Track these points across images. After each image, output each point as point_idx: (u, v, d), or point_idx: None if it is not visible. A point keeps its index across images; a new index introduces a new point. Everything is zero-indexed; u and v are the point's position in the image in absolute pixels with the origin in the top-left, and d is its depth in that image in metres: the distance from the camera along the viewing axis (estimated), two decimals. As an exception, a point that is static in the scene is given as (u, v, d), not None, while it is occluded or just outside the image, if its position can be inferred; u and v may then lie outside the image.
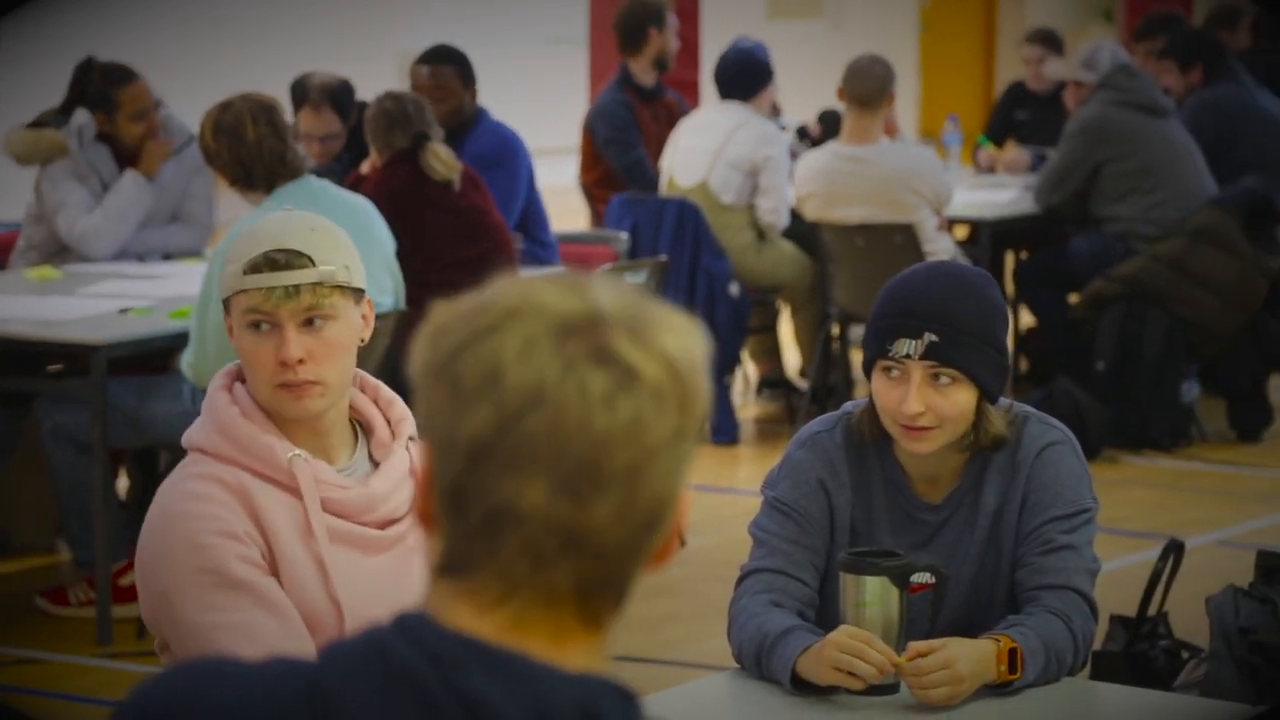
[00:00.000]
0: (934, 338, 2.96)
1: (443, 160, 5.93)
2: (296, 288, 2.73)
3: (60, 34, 11.40)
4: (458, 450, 1.41)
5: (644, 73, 8.23)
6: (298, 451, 2.74)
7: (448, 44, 7.10)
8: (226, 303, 2.79)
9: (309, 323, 2.74)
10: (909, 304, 2.99)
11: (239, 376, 2.82)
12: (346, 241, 2.81)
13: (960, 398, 2.98)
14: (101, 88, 6.37)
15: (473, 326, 1.42)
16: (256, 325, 2.74)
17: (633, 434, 1.40)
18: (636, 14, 8.18)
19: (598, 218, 8.17)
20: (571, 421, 1.39)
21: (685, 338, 1.43)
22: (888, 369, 3.00)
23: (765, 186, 7.66)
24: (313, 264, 2.73)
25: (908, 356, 2.97)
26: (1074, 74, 8.01)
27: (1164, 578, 3.93)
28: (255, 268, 2.74)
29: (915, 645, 2.84)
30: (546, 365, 1.39)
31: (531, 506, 1.39)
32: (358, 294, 2.79)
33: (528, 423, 1.39)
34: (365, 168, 6.21)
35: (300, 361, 2.72)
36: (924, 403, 2.96)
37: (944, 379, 2.97)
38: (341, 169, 6.49)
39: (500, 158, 6.77)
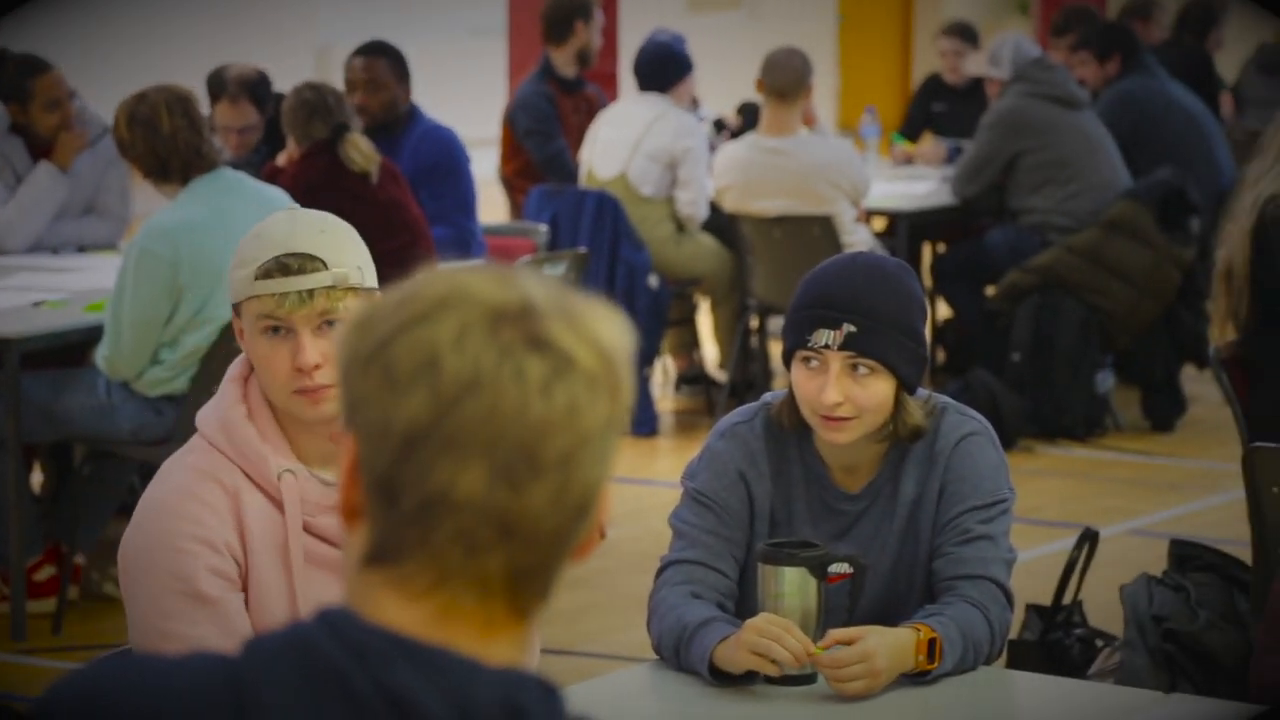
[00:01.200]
0: (852, 328, 2.97)
1: (362, 152, 5.92)
2: (310, 292, 2.69)
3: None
4: (391, 438, 1.40)
5: (566, 65, 8.23)
6: (290, 467, 2.72)
7: (383, 39, 7.07)
8: (236, 307, 2.75)
9: (324, 326, 2.70)
10: (828, 295, 3.01)
11: None
12: (356, 240, 2.76)
13: (878, 388, 2.99)
14: (15, 78, 6.31)
15: (403, 316, 1.42)
16: (271, 330, 2.71)
17: (569, 420, 1.40)
18: (564, 6, 8.18)
19: (517, 209, 8.16)
20: (509, 407, 1.39)
21: (615, 328, 1.44)
22: (807, 359, 3.01)
23: (684, 178, 7.67)
24: (325, 267, 2.69)
25: (826, 347, 2.99)
26: (980, 69, 8.08)
27: (1079, 567, 3.96)
28: (267, 273, 2.70)
29: (835, 633, 2.85)
30: (482, 352, 1.39)
31: (468, 493, 1.39)
32: (369, 293, 2.75)
33: (464, 408, 1.39)
34: (282, 160, 6.18)
35: (316, 366, 2.69)
36: (843, 393, 2.98)
37: (862, 369, 2.99)
38: (259, 161, 6.46)
39: (450, 165, 6.75)
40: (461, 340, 1.40)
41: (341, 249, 2.72)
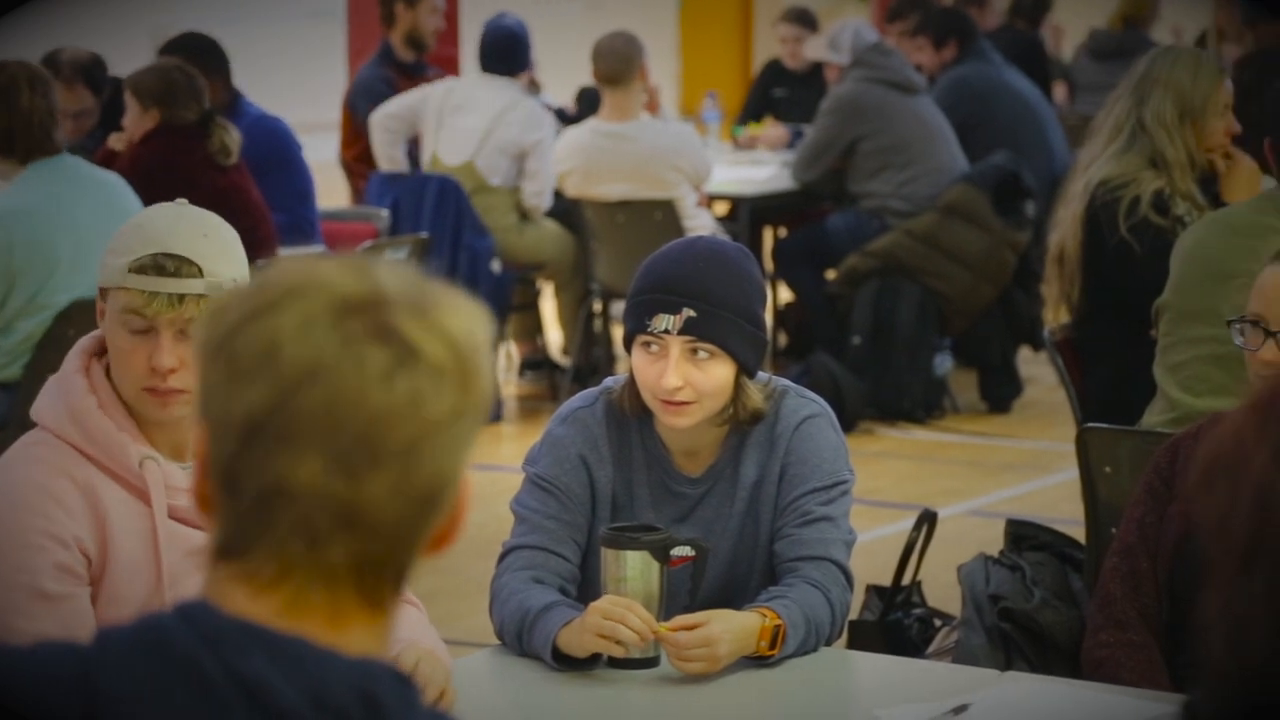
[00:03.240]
0: (692, 313, 2.99)
1: (233, 138, 5.92)
2: (181, 297, 2.65)
3: None
4: (233, 428, 1.41)
5: (402, 49, 8.19)
6: (150, 454, 2.68)
7: (196, 31, 6.96)
8: (104, 290, 2.70)
9: (185, 331, 2.66)
10: (667, 280, 3.02)
11: (96, 353, 2.73)
12: (235, 247, 2.72)
13: (718, 372, 3.01)
14: None
15: (252, 304, 1.42)
16: (133, 325, 2.67)
17: (410, 411, 1.40)
18: None
19: (358, 194, 8.11)
20: (348, 397, 1.39)
21: (468, 319, 1.44)
22: (647, 344, 3.03)
23: (531, 170, 7.65)
24: (200, 274, 2.65)
25: (666, 332, 3.00)
26: (820, 54, 8.14)
27: (918, 547, 4.00)
28: (142, 268, 2.65)
29: (682, 619, 2.88)
30: (324, 342, 1.40)
31: (305, 483, 1.39)
32: None
33: (303, 398, 1.39)
34: (117, 144, 6.11)
35: (171, 370, 2.65)
36: (682, 377, 3.00)
37: (702, 354, 3.01)
38: (94, 146, 6.37)
39: (282, 156, 6.68)
40: (304, 330, 1.40)
41: (221, 257, 2.68)
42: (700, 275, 3.01)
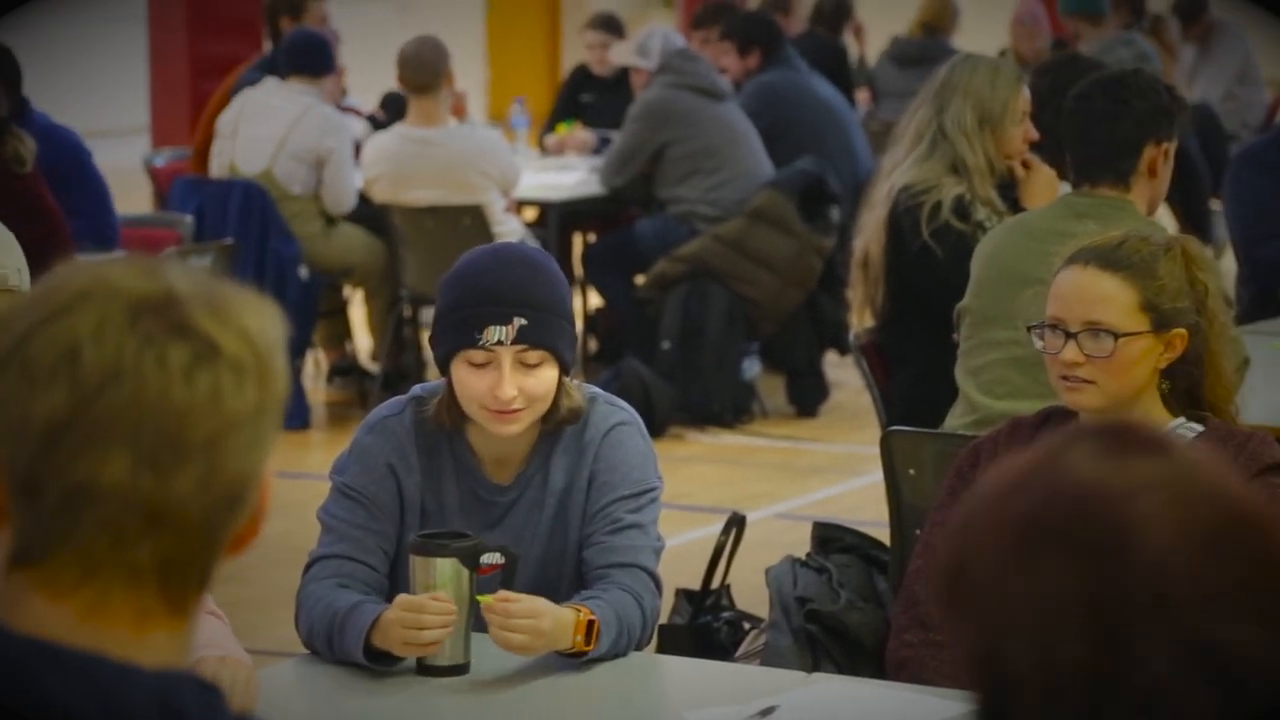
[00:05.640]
0: (524, 321, 2.99)
1: (29, 147, 5.82)
2: None
3: None
4: (31, 433, 1.39)
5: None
6: None
7: None
8: None
9: None
10: (492, 291, 3.01)
11: None
12: (12, 240, 2.66)
13: (548, 375, 3.03)
14: None
15: (42, 310, 1.40)
16: None
17: (212, 405, 1.40)
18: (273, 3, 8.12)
19: (161, 200, 7.99)
20: (151, 394, 1.39)
21: (263, 317, 1.44)
22: (474, 358, 3.01)
23: (328, 180, 7.59)
24: None
25: (499, 343, 2.99)
26: (627, 59, 8.17)
27: (726, 551, 4.03)
28: None
29: (505, 594, 2.87)
30: (123, 342, 1.39)
31: (111, 482, 1.38)
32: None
33: (106, 399, 1.38)
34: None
35: None
36: (516, 386, 3.00)
37: (531, 360, 3.01)
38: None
39: (75, 164, 6.55)
40: (101, 332, 1.39)
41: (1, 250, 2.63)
42: (523, 283, 3.02)
